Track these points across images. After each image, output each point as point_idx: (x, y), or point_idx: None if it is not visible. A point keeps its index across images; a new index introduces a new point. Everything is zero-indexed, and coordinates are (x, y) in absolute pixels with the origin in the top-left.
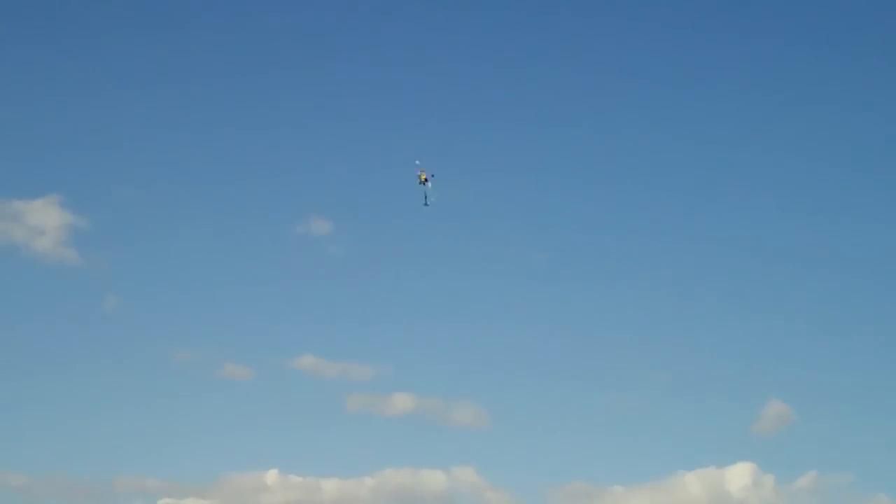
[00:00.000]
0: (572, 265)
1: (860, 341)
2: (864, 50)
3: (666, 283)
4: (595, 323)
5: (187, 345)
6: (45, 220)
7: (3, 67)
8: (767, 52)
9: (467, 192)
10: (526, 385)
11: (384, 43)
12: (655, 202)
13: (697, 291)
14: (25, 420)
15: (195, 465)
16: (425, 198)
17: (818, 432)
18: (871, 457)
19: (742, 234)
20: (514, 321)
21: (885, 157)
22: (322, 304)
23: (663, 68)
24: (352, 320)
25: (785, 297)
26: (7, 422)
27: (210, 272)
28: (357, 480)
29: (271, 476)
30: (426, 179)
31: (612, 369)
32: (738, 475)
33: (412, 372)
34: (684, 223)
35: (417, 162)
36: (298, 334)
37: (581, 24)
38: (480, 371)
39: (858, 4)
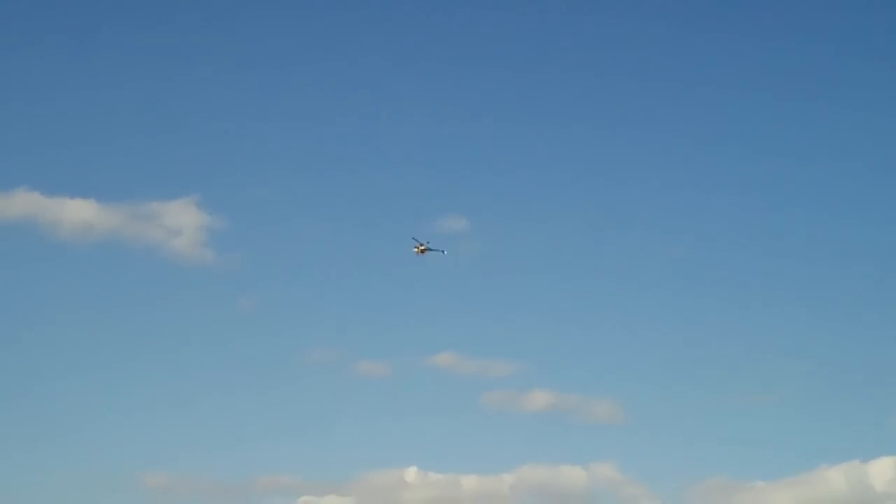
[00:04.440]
0: (709, 266)
1: None
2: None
3: (805, 281)
4: (735, 318)
5: (323, 343)
6: (182, 221)
7: (147, 76)
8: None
9: (608, 192)
10: (665, 381)
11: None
12: (789, 210)
13: (836, 288)
14: (165, 419)
15: (334, 462)
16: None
17: None
18: None
19: (871, 235)
20: (651, 319)
21: None
22: (458, 301)
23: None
24: (489, 317)
25: None
26: (147, 421)
27: (345, 270)
28: (496, 477)
29: (411, 473)
30: (424, 250)
31: (753, 364)
32: (882, 469)
33: (550, 368)
34: (814, 227)
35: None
36: (434, 331)
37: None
38: (618, 367)
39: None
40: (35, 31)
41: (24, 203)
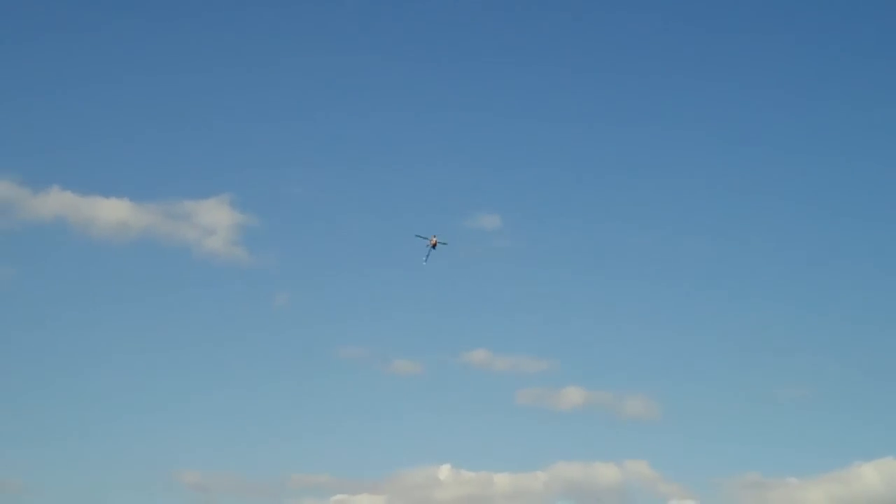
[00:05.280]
0: (742, 263)
1: None
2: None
3: (839, 278)
4: (769, 316)
5: (356, 341)
6: (215, 220)
7: (180, 74)
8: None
9: (641, 191)
10: (698, 378)
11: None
12: (824, 209)
13: (869, 285)
14: (199, 418)
15: (367, 461)
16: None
17: None
18: None
19: None
20: (684, 316)
21: None
22: (491, 298)
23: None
24: (522, 315)
25: None
26: (181, 419)
27: (378, 268)
28: (529, 474)
29: (444, 471)
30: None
31: (786, 361)
32: None
33: (583, 366)
34: (847, 225)
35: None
36: (468, 329)
37: None
38: (651, 365)
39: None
40: (69, 30)
41: (58, 202)
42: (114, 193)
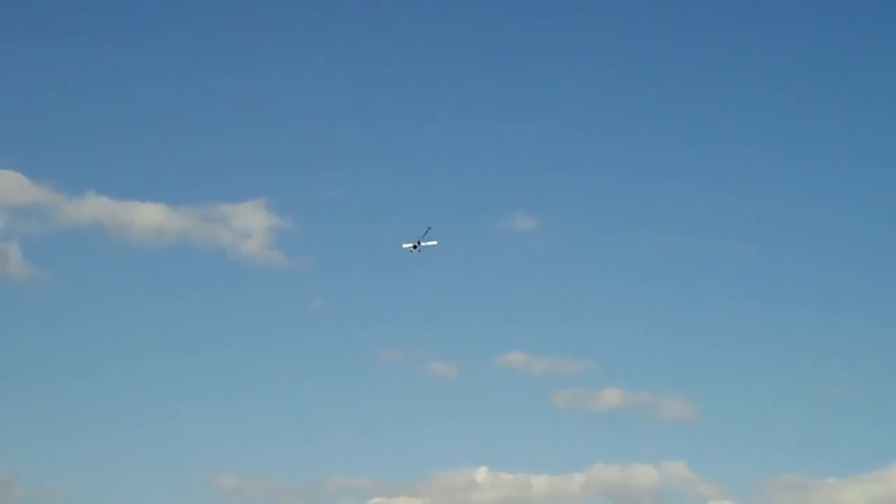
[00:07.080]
0: (778, 261)
1: None
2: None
3: (878, 275)
4: (805, 316)
5: (393, 344)
6: (251, 223)
7: (215, 78)
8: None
9: (674, 192)
10: (735, 377)
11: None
12: (852, 213)
13: None
14: (236, 421)
15: (405, 463)
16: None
17: None
18: None
19: None
20: (721, 316)
21: None
22: (527, 300)
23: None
24: (558, 316)
25: None
26: (218, 423)
27: (414, 271)
28: (567, 476)
29: (481, 473)
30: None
31: (824, 358)
32: None
33: (620, 367)
34: (879, 228)
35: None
36: (504, 331)
37: None
38: (689, 365)
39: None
40: (101, 33)
41: (94, 207)
42: (149, 198)
